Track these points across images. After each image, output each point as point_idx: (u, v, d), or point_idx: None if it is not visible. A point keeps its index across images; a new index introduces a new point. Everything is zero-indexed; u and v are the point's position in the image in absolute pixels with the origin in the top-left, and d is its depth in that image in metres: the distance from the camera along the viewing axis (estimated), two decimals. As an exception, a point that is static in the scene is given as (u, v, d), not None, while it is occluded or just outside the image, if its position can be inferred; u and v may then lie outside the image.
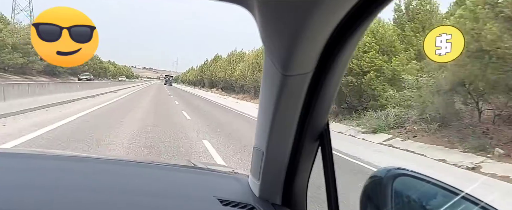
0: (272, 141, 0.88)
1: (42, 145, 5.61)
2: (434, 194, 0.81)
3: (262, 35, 0.71)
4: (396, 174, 0.80)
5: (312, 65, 0.74)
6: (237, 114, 17.30)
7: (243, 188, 1.11)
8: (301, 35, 0.66)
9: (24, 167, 1.13)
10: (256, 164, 0.98)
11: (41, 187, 0.97)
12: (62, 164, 1.26)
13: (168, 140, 7.18)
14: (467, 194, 0.78)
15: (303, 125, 0.84)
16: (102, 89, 22.35)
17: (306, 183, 0.94)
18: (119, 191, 1.03)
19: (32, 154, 1.46)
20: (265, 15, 0.66)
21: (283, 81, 0.76)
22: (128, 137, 7.03)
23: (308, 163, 0.91)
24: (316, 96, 0.79)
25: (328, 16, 0.63)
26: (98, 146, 6.02)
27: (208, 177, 1.34)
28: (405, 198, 0.79)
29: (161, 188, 1.09)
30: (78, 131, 7.27)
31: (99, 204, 0.92)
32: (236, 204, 0.97)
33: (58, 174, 1.10)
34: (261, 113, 0.89)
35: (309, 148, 0.88)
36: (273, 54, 0.74)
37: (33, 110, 9.71)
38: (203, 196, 1.06)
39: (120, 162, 1.48)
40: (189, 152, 6.34)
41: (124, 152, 5.72)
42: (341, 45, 0.71)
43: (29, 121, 8.02)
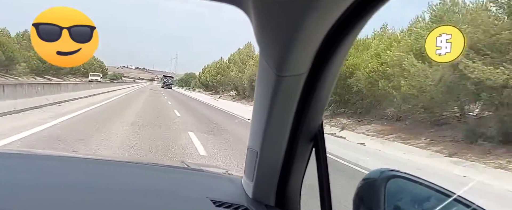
0: (266, 142, 0.89)
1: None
2: (426, 196, 0.81)
3: (257, 36, 0.71)
4: (389, 176, 0.81)
5: (307, 66, 0.74)
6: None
7: (237, 189, 1.10)
8: (295, 36, 0.66)
9: (17, 167, 1.12)
10: (250, 165, 0.98)
11: (34, 187, 0.96)
12: (56, 164, 1.25)
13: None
14: (459, 197, 0.79)
15: (297, 126, 0.84)
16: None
17: (300, 184, 0.94)
18: (112, 192, 1.03)
19: (27, 154, 1.45)
20: (260, 16, 0.66)
21: (278, 81, 0.76)
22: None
23: (302, 164, 0.91)
24: (311, 97, 0.80)
25: (323, 18, 0.64)
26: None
27: (201, 178, 1.33)
28: (398, 200, 0.80)
29: (154, 188, 1.08)
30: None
31: (92, 204, 0.92)
32: (229, 205, 0.97)
33: (51, 174, 1.10)
34: (256, 113, 0.90)
35: (303, 149, 0.88)
36: (268, 54, 0.75)
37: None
38: (196, 197, 1.06)
39: (113, 163, 1.47)
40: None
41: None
42: (336, 46, 0.72)
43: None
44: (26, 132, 6.18)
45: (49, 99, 11.28)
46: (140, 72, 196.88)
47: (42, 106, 10.21)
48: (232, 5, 0.70)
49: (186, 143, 6.95)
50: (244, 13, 0.70)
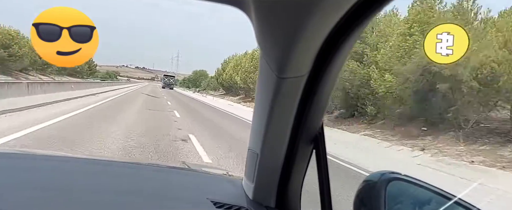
0: (267, 143, 0.89)
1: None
2: (427, 199, 0.81)
3: (258, 37, 0.71)
4: (390, 178, 0.81)
5: (307, 68, 0.74)
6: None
7: (237, 191, 1.10)
8: (296, 38, 0.66)
9: (13, 167, 1.12)
10: (251, 166, 0.98)
11: (32, 188, 0.96)
12: (55, 164, 1.25)
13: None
14: (460, 199, 0.79)
15: (297, 128, 0.84)
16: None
17: (300, 186, 0.94)
18: (112, 192, 1.03)
19: (23, 154, 1.44)
20: (261, 18, 0.66)
21: (278, 83, 0.76)
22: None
23: (302, 166, 0.91)
24: (311, 99, 0.80)
25: (324, 19, 0.64)
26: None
27: (202, 179, 1.33)
28: (398, 202, 0.80)
29: (154, 189, 1.08)
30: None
31: (90, 205, 0.91)
32: (230, 207, 0.97)
33: (51, 175, 1.10)
34: (256, 115, 0.90)
35: (304, 151, 0.88)
36: (269, 56, 0.75)
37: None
38: (196, 198, 1.06)
39: (112, 163, 1.47)
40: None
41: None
42: (336, 48, 0.72)
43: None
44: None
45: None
46: (140, 72, 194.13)
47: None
48: (233, 6, 0.69)
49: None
50: (245, 14, 0.70)
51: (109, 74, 74.88)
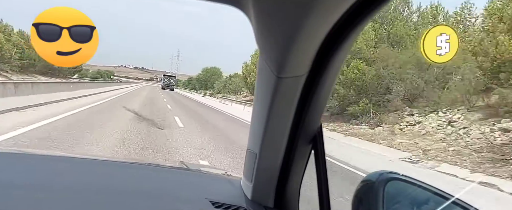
0: (266, 143, 0.89)
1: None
2: (425, 198, 0.82)
3: (257, 36, 0.71)
4: (388, 178, 0.81)
5: (306, 68, 0.74)
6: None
7: (236, 191, 1.10)
8: (295, 38, 0.66)
9: (11, 166, 1.12)
10: (249, 166, 0.98)
11: (33, 188, 0.96)
12: (54, 164, 1.24)
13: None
14: (458, 199, 0.79)
15: (296, 128, 0.84)
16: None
17: (299, 186, 0.94)
18: (110, 192, 1.03)
19: (22, 154, 1.44)
20: (260, 17, 0.66)
21: (277, 83, 0.76)
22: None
23: (301, 166, 0.91)
24: (310, 99, 0.80)
25: (323, 19, 0.64)
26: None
27: (200, 179, 1.33)
28: (396, 202, 0.80)
29: (153, 189, 1.08)
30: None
31: (90, 204, 0.91)
32: (228, 207, 0.97)
33: (50, 175, 1.10)
34: (255, 115, 0.90)
35: (302, 150, 0.88)
36: (268, 55, 0.75)
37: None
38: (195, 198, 1.05)
39: (111, 163, 1.47)
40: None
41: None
42: (336, 47, 0.72)
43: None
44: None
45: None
46: (139, 72, 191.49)
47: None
48: (232, 6, 0.70)
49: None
50: (244, 14, 0.70)
51: (100, 74, 64.57)
